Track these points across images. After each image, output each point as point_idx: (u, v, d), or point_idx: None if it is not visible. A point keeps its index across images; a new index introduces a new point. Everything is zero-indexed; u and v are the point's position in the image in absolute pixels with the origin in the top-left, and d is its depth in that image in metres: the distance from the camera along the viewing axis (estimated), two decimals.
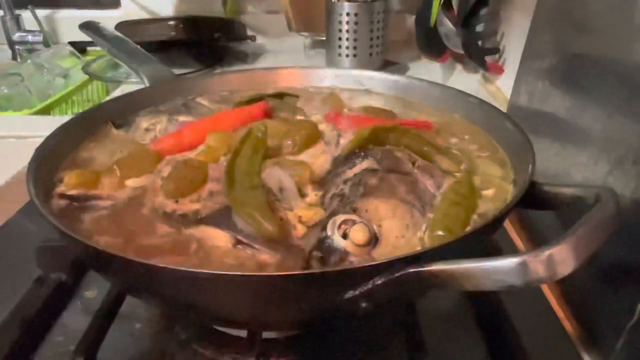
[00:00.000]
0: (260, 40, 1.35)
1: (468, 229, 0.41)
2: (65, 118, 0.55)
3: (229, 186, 0.42)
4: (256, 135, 0.49)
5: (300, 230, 0.40)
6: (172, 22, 1.17)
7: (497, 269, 0.29)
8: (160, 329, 0.49)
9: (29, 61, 1.23)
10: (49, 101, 1.06)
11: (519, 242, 0.63)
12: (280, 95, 0.67)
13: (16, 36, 1.39)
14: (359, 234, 0.37)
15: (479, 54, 1.00)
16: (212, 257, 0.39)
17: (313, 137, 0.52)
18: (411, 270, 0.32)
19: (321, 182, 0.46)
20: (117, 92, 1.06)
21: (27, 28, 1.40)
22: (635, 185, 0.42)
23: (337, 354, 0.46)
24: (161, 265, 0.33)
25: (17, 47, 1.41)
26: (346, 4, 1.03)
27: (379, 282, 0.32)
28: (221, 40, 1.23)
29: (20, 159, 0.47)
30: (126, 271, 0.36)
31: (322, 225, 0.39)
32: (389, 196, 0.42)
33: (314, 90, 0.71)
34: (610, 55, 0.50)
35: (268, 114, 0.60)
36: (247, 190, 0.42)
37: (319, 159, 0.50)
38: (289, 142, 0.51)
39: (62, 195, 0.46)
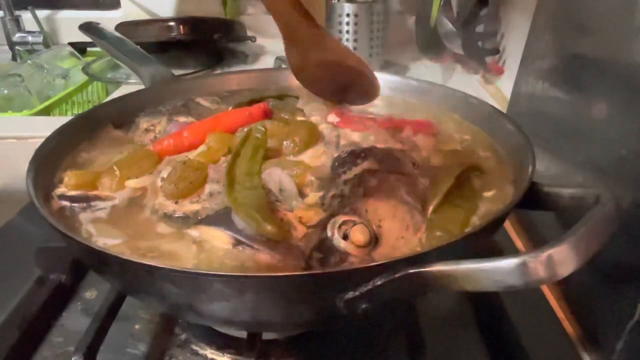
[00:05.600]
0: (260, 41, 1.35)
1: (468, 229, 0.41)
2: (65, 119, 0.55)
3: (229, 187, 0.42)
4: (256, 136, 0.49)
5: (300, 230, 0.40)
6: (172, 23, 1.17)
7: (497, 270, 0.29)
8: (160, 329, 0.49)
9: (29, 62, 1.23)
10: (49, 102, 1.06)
11: (519, 243, 0.63)
12: (280, 96, 0.67)
13: (16, 37, 1.39)
14: (359, 234, 0.37)
15: (479, 55, 1.00)
16: (212, 258, 0.39)
17: (312, 137, 0.52)
18: (411, 271, 0.32)
19: (321, 183, 0.46)
20: (117, 93, 1.06)
21: (27, 29, 1.40)
22: (635, 185, 0.42)
23: (337, 354, 0.46)
24: (161, 265, 0.33)
25: (17, 47, 1.41)
26: (346, 4, 1.03)
27: (379, 282, 0.32)
28: (221, 40, 1.23)
29: (20, 159, 0.47)
30: (126, 272, 0.36)
31: (322, 225, 0.39)
32: (389, 197, 0.42)
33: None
34: (610, 56, 0.50)
35: (268, 115, 0.60)
36: (247, 190, 0.42)
37: (319, 159, 0.50)
38: (289, 143, 0.51)
39: (62, 196, 0.45)
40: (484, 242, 0.44)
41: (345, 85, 0.51)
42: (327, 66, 0.49)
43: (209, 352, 0.46)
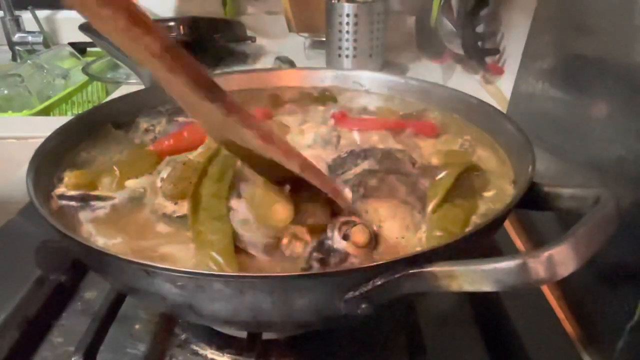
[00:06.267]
0: (260, 41, 1.35)
1: (468, 229, 0.41)
2: (65, 119, 0.55)
3: (193, 212, 0.40)
4: (224, 154, 0.45)
5: (298, 245, 0.39)
6: (172, 23, 1.17)
7: (497, 270, 0.29)
8: (160, 329, 0.49)
9: (29, 62, 1.23)
10: (48, 102, 1.07)
11: (519, 243, 0.63)
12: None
13: (16, 37, 1.40)
14: (359, 235, 0.37)
15: (479, 55, 1.00)
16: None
17: None
18: (411, 271, 0.32)
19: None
20: (117, 93, 1.06)
21: (27, 29, 1.40)
22: (635, 185, 0.42)
23: (337, 354, 0.46)
24: (160, 266, 0.33)
25: (17, 48, 1.41)
26: (346, 4, 1.03)
27: (379, 282, 0.32)
28: (221, 41, 1.23)
29: (20, 159, 0.47)
30: (125, 272, 0.36)
31: (323, 226, 0.39)
32: (389, 197, 0.42)
33: (313, 91, 0.71)
34: (610, 56, 0.50)
35: (268, 117, 0.60)
36: (212, 221, 0.39)
37: None
38: None
39: (62, 196, 0.45)
40: (484, 242, 0.44)
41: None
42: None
43: (209, 352, 0.46)
